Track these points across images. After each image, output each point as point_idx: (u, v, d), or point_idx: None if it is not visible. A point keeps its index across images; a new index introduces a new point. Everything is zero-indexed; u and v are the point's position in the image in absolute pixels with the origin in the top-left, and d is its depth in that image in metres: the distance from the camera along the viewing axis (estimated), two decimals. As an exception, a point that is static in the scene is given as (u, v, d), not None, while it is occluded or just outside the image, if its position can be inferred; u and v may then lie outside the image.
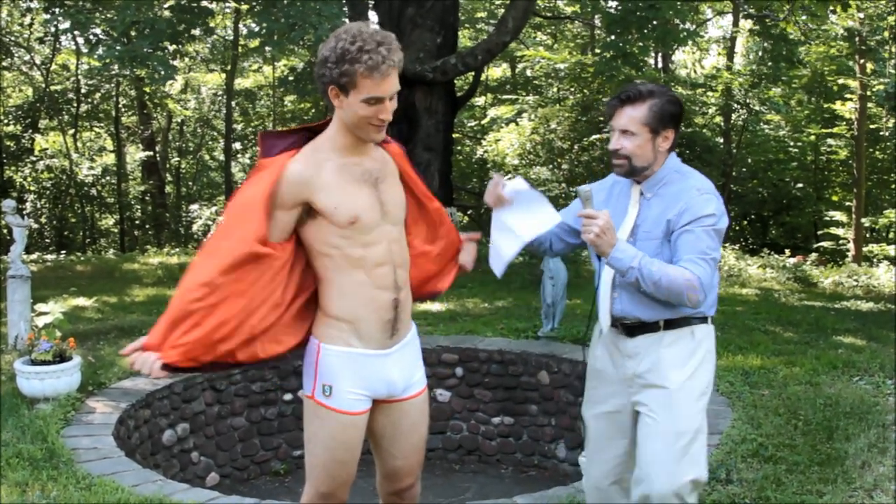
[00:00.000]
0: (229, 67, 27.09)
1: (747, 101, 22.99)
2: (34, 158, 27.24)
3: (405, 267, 3.42)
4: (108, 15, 14.42)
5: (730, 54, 28.48)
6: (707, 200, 3.43)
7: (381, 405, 3.46)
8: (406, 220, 3.53)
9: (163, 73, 14.01)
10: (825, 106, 22.74)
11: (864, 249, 21.10)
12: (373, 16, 18.86)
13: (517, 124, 24.74)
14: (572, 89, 24.39)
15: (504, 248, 3.79)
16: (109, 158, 29.57)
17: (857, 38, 20.04)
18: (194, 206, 29.30)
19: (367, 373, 3.34)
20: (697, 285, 3.33)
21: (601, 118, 23.27)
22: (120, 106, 28.88)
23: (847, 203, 22.81)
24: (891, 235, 23.19)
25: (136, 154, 30.03)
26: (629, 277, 3.39)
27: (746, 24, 23.22)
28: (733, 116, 25.24)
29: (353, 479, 3.50)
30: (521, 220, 3.72)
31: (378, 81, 3.07)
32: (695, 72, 32.23)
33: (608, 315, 3.62)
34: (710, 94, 26.50)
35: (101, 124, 29.91)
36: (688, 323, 3.53)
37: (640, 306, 3.51)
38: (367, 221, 3.25)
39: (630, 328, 3.57)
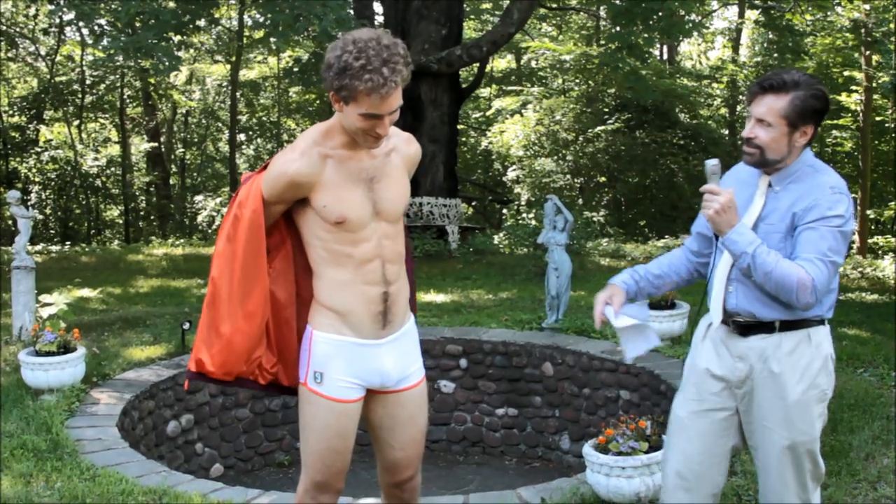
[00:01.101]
0: (234, 58, 27.11)
1: (752, 92, 22.93)
2: (39, 149, 27.27)
3: (397, 261, 3.38)
4: (113, 6, 14.43)
5: (735, 46, 28.43)
6: (838, 200, 3.22)
7: (377, 396, 3.46)
8: None
9: (167, 63, 14.03)
10: (830, 98, 22.66)
11: (869, 241, 21.08)
12: (378, 7, 18.86)
13: (522, 115, 24.75)
14: (577, 80, 24.39)
15: (626, 350, 3.65)
16: (114, 149, 29.62)
17: (862, 30, 19.95)
18: (199, 198, 29.36)
19: (358, 361, 3.34)
20: (811, 286, 3.15)
21: (606, 110, 23.27)
22: (125, 97, 28.90)
23: (852, 195, 22.64)
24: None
25: (140, 145, 30.07)
26: (741, 263, 3.23)
27: (752, 14, 23.19)
28: (738, 108, 25.19)
29: (348, 468, 3.49)
30: (629, 340, 3.60)
31: (377, 101, 3.02)
32: (700, 63, 32.20)
33: (721, 309, 3.44)
34: (715, 85, 26.47)
35: (106, 115, 29.95)
36: (804, 325, 3.36)
37: (756, 303, 3.32)
38: (356, 221, 3.23)
39: (743, 327, 3.39)
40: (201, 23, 16.75)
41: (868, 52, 20.39)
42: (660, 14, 15.61)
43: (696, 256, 3.65)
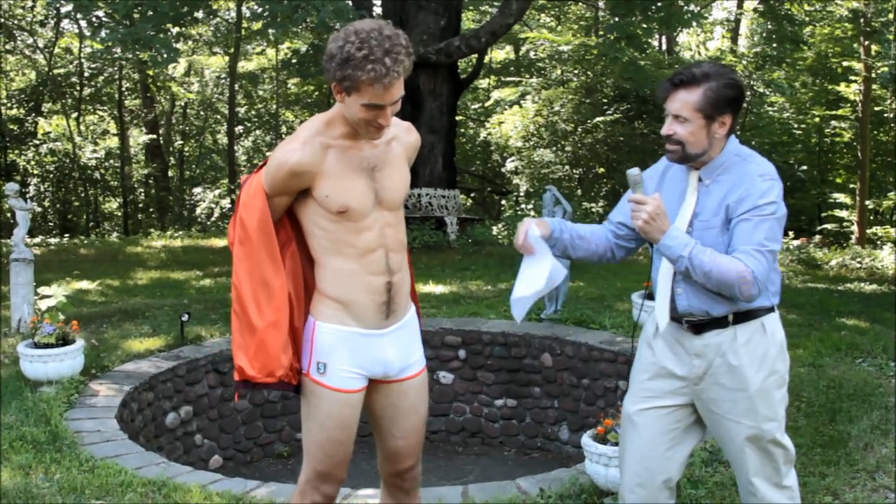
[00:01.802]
0: (232, 50, 27.06)
1: (752, 83, 22.89)
2: (37, 142, 27.24)
3: (400, 250, 3.40)
4: (110, -2, 14.40)
5: (734, 36, 28.38)
6: (769, 187, 3.23)
7: (379, 385, 3.47)
8: None
9: (166, 55, 14.00)
10: (829, 88, 22.66)
11: (868, 232, 21.08)
12: (376, -2, 18.81)
13: (521, 106, 24.71)
14: (576, 71, 24.32)
15: (521, 294, 3.63)
16: (113, 142, 29.56)
17: (861, 20, 19.93)
18: (198, 190, 29.32)
19: (361, 351, 3.35)
20: (751, 279, 3.15)
21: (605, 100, 23.24)
22: (123, 89, 28.87)
23: (851, 185, 22.76)
24: (895, 218, 23.15)
25: (139, 137, 30.02)
26: (679, 266, 3.24)
27: (751, 4, 23.15)
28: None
29: (350, 458, 3.50)
30: (531, 275, 3.57)
31: (380, 91, 3.04)
32: (699, 54, 32.12)
33: (667, 311, 3.44)
34: (714, 76, 26.41)
35: (105, 107, 29.93)
36: (757, 315, 3.35)
37: (708, 300, 3.31)
38: (358, 210, 3.24)
39: (697, 325, 3.39)
40: (199, 14, 16.76)
41: (867, 42, 20.37)
42: (658, 4, 15.60)
43: (615, 238, 3.64)
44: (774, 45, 21.43)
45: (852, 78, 21.46)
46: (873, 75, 20.27)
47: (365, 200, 3.25)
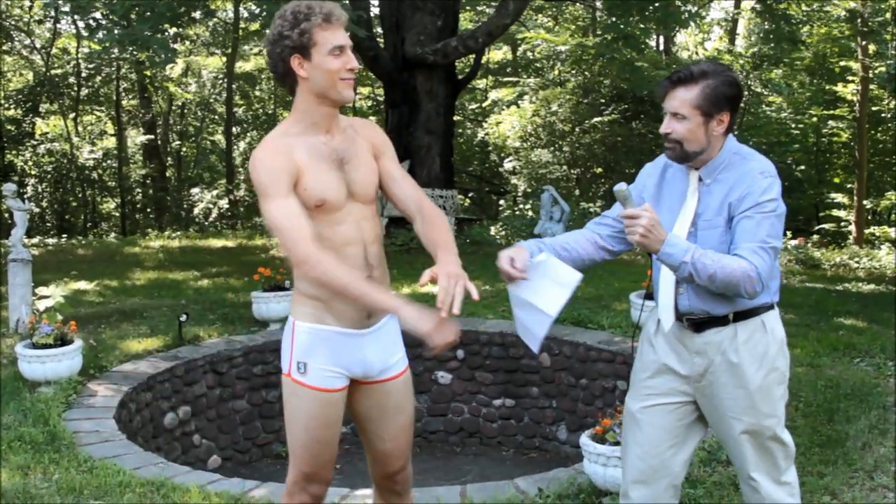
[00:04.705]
0: (230, 50, 27.03)
1: (749, 83, 22.91)
2: (35, 142, 27.22)
3: (377, 243, 3.39)
4: (108, -2, 14.38)
5: (732, 36, 28.40)
6: (770, 185, 3.25)
7: (362, 387, 3.46)
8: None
9: (163, 56, 13.97)
10: (827, 88, 22.68)
11: (866, 232, 21.08)
12: (373, -2, 18.83)
13: (518, 107, 24.73)
14: (573, 71, 24.35)
15: (535, 328, 3.45)
16: (110, 142, 29.56)
17: (858, 20, 19.95)
18: (195, 190, 29.30)
19: (340, 351, 3.34)
20: (755, 276, 3.15)
21: (602, 100, 23.26)
22: (120, 89, 28.84)
23: (849, 185, 22.76)
24: (892, 218, 23.18)
25: (136, 137, 29.98)
26: (682, 272, 3.20)
27: (748, 4, 23.16)
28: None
29: (335, 458, 3.51)
30: (542, 293, 3.38)
31: (334, 31, 3.16)
32: (697, 54, 32.12)
33: (672, 310, 3.44)
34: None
35: (102, 108, 29.90)
36: (757, 313, 3.37)
37: (709, 300, 3.32)
38: (333, 203, 3.24)
39: (697, 324, 3.39)
40: (197, 15, 16.70)
41: (864, 42, 20.39)
42: (656, 4, 15.59)
43: (607, 235, 3.58)
44: (772, 44, 21.47)
45: (850, 78, 21.48)
46: (871, 75, 20.29)
47: (339, 192, 3.26)
